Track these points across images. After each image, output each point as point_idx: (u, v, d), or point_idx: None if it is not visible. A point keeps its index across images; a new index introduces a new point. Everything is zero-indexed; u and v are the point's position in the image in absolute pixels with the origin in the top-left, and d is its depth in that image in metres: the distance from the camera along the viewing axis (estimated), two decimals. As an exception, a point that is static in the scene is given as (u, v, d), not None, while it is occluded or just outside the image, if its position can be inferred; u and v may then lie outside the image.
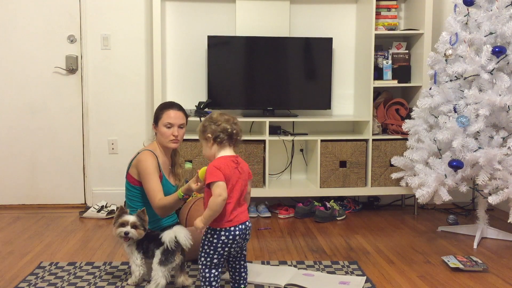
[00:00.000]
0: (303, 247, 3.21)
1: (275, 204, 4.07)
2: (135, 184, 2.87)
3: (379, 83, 3.95)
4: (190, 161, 3.79)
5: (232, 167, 2.23)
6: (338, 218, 3.84)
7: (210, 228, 2.22)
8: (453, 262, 2.83)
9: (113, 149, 4.17)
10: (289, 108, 4.12)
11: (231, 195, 2.22)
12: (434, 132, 3.33)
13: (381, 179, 3.94)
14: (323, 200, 3.99)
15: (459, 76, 3.23)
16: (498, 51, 3.01)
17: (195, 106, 3.92)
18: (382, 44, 4.13)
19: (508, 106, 3.00)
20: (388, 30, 4.00)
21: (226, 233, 2.20)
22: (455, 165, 3.08)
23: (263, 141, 3.87)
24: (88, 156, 4.16)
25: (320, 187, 3.90)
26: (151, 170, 2.77)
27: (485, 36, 3.10)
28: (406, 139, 3.66)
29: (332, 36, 4.11)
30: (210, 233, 2.22)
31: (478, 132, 3.07)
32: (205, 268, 2.23)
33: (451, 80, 3.27)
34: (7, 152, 4.11)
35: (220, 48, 3.99)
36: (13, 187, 4.14)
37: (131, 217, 2.52)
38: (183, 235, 2.36)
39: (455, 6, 3.32)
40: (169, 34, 4.10)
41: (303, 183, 4.15)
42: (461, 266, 2.79)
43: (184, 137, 3.00)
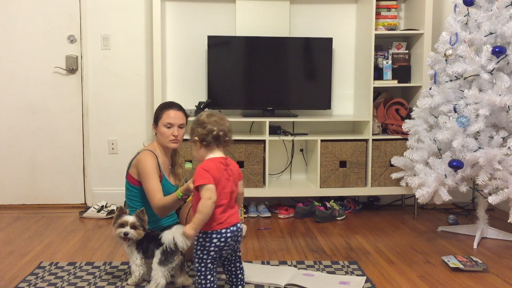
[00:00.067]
0: (303, 247, 3.20)
1: (275, 204, 4.07)
2: (135, 184, 2.87)
3: (379, 83, 3.95)
4: (190, 161, 3.79)
5: (221, 169, 2.21)
6: (338, 218, 3.84)
7: (202, 232, 2.20)
8: (453, 262, 2.83)
9: (113, 149, 4.17)
10: (289, 108, 4.12)
11: (221, 197, 2.20)
12: (434, 132, 3.33)
13: (381, 179, 3.94)
14: (323, 200, 3.99)
15: (459, 76, 3.22)
16: (498, 51, 3.01)
17: (195, 106, 3.92)
18: (382, 44, 4.13)
19: (508, 106, 3.00)
20: (388, 30, 4.00)
21: (218, 235, 2.18)
22: (455, 165, 3.08)
23: (263, 141, 3.87)
24: (88, 156, 4.16)
25: (320, 187, 3.90)
26: (150, 170, 2.77)
27: (485, 36, 3.10)
28: (406, 139, 3.66)
29: (332, 36, 4.11)
30: (202, 237, 2.20)
31: (478, 132, 3.07)
32: (201, 275, 2.21)
33: (451, 80, 3.27)
34: (7, 152, 4.11)
35: (220, 48, 3.99)
36: (13, 187, 4.14)
37: (131, 218, 2.52)
38: (182, 236, 2.35)
39: (455, 6, 3.32)
40: (169, 34, 4.10)
41: (303, 183, 4.15)
42: (461, 266, 2.79)
43: (184, 137, 3.00)
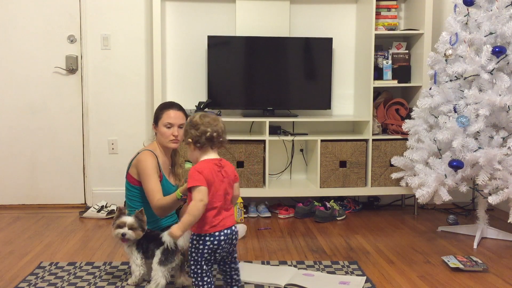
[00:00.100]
0: (303, 247, 3.20)
1: (275, 204, 4.07)
2: (135, 184, 2.87)
3: (379, 83, 3.95)
4: (190, 161, 3.78)
5: (215, 171, 2.20)
6: (338, 218, 3.84)
7: (195, 235, 2.20)
8: (453, 262, 2.83)
9: (113, 149, 4.17)
10: (289, 108, 4.12)
11: (214, 200, 2.18)
12: (434, 132, 3.33)
13: (381, 179, 3.94)
14: (323, 200, 3.99)
15: (459, 76, 3.22)
16: (498, 51, 3.01)
17: (195, 106, 3.92)
18: (382, 44, 4.13)
19: (508, 106, 3.00)
20: (388, 30, 4.00)
21: (211, 238, 2.17)
22: (455, 165, 3.08)
23: (263, 141, 3.87)
24: (88, 156, 4.16)
25: (320, 187, 3.90)
26: (150, 171, 2.77)
27: (485, 36, 3.10)
28: (406, 139, 3.66)
29: (332, 36, 4.11)
30: (195, 239, 2.19)
31: (478, 132, 3.07)
32: (197, 277, 2.20)
33: (451, 80, 3.27)
34: (7, 152, 4.11)
35: (220, 48, 3.99)
36: (13, 187, 4.14)
37: (129, 219, 2.51)
38: (182, 236, 2.35)
39: (455, 6, 3.32)
40: (169, 34, 4.10)
41: (303, 183, 4.14)
42: (461, 266, 2.79)
43: (184, 137, 3.00)
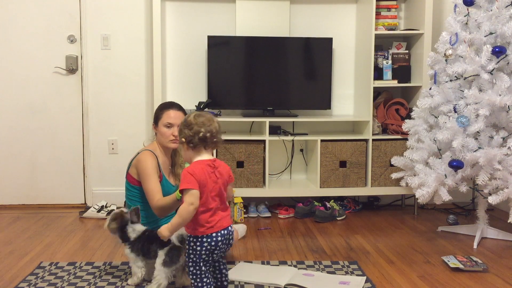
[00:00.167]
0: (303, 247, 3.20)
1: (275, 204, 4.07)
2: (135, 184, 2.87)
3: (379, 83, 3.95)
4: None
5: (208, 172, 2.18)
6: (338, 218, 3.84)
7: (192, 236, 2.19)
8: (453, 262, 2.83)
9: (113, 149, 4.16)
10: (289, 108, 4.12)
11: (208, 201, 2.18)
12: (434, 132, 3.33)
13: (381, 179, 3.94)
14: (323, 200, 3.99)
15: (459, 76, 3.22)
16: (498, 51, 3.01)
17: (195, 106, 3.92)
18: (382, 44, 4.13)
19: (508, 106, 3.00)
20: (388, 30, 4.00)
21: (208, 239, 2.18)
22: (455, 165, 3.08)
23: (263, 141, 3.87)
24: (88, 156, 4.16)
25: (320, 187, 3.90)
26: (150, 171, 2.77)
27: (485, 36, 3.10)
28: (406, 139, 3.66)
29: (332, 36, 4.11)
30: (192, 241, 2.19)
31: (478, 132, 3.07)
32: (196, 278, 2.20)
33: (451, 80, 3.27)
34: (7, 152, 4.11)
35: (220, 48, 3.99)
36: (13, 187, 4.14)
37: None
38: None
39: (455, 6, 3.32)
40: (169, 34, 4.10)
41: (303, 183, 4.14)
42: (461, 266, 2.79)
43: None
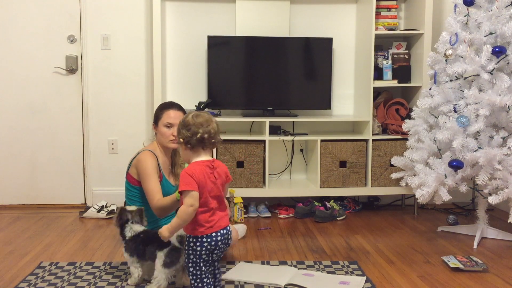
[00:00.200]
0: (303, 247, 3.20)
1: (275, 204, 4.07)
2: (134, 184, 2.87)
3: (379, 83, 3.95)
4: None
5: (207, 173, 2.18)
6: (338, 218, 3.84)
7: (191, 237, 2.19)
8: (453, 262, 2.83)
9: (113, 149, 4.16)
10: (289, 108, 4.12)
11: (208, 202, 2.18)
12: (434, 132, 3.33)
13: (381, 179, 3.94)
14: (323, 200, 3.99)
15: (459, 76, 3.22)
16: (498, 51, 3.01)
17: (195, 106, 3.92)
18: (382, 44, 4.13)
19: (508, 106, 3.00)
20: (388, 30, 3.99)
21: (208, 239, 2.17)
22: (455, 165, 3.08)
23: (263, 141, 3.87)
24: (88, 156, 4.15)
25: (320, 187, 3.90)
26: (150, 171, 2.77)
27: (485, 36, 3.10)
28: (406, 139, 3.65)
29: (332, 36, 4.11)
30: (192, 241, 2.19)
31: (478, 132, 3.07)
32: (196, 278, 2.20)
33: (451, 80, 3.27)
34: (7, 152, 4.11)
35: (220, 48, 3.99)
36: (13, 187, 4.14)
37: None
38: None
39: (455, 6, 3.32)
40: (169, 34, 4.10)
41: (303, 183, 4.14)
42: (461, 266, 2.79)
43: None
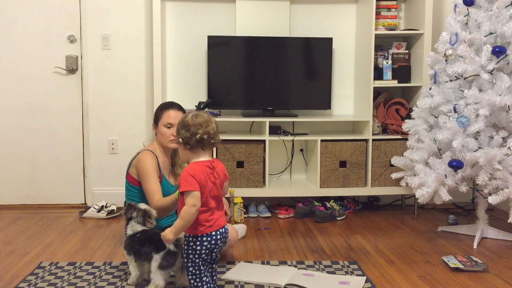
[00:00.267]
0: (303, 247, 3.20)
1: (275, 204, 4.07)
2: (134, 184, 2.87)
3: (379, 83, 3.95)
4: (190, 161, 3.78)
5: (207, 173, 2.19)
6: (338, 218, 3.84)
7: (191, 236, 2.19)
8: (453, 262, 2.83)
9: (113, 149, 4.16)
10: (289, 108, 4.12)
11: (208, 201, 2.18)
12: (434, 132, 3.33)
13: (381, 179, 3.94)
14: (323, 200, 3.99)
15: (459, 76, 3.22)
16: (498, 51, 3.01)
17: (195, 106, 3.92)
18: (382, 44, 4.13)
19: (508, 106, 3.00)
20: (388, 30, 3.99)
21: (208, 238, 2.18)
22: (455, 165, 3.08)
23: (263, 141, 3.87)
24: (88, 156, 4.15)
25: (320, 187, 3.90)
26: (150, 171, 2.77)
27: (485, 36, 3.10)
28: (406, 139, 3.65)
29: (332, 36, 4.11)
30: (192, 241, 2.18)
31: (478, 132, 3.07)
32: (196, 278, 2.20)
33: (451, 80, 3.27)
34: (7, 152, 4.11)
35: (220, 48, 3.99)
36: (13, 187, 4.14)
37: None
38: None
39: (455, 6, 3.32)
40: (169, 34, 4.10)
41: (303, 183, 4.14)
42: (461, 266, 2.79)
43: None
